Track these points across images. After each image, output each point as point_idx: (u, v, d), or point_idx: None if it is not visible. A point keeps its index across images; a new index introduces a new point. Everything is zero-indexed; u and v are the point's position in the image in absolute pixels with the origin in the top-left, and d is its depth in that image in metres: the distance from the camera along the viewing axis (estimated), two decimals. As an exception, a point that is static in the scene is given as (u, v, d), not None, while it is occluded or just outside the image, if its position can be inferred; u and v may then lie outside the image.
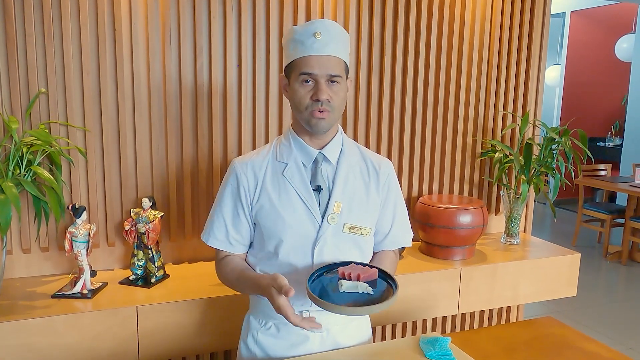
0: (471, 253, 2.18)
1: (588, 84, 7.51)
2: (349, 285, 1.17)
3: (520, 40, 2.42)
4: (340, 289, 1.16)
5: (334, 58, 1.23)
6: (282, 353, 1.32)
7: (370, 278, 1.20)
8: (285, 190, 1.29)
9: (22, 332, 1.51)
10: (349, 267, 1.21)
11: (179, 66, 1.91)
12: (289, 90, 1.28)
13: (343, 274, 1.20)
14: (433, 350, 1.31)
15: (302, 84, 1.23)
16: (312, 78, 1.22)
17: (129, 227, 1.81)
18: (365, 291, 1.16)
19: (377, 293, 1.17)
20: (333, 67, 1.22)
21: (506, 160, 2.35)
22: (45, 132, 1.69)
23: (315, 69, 1.21)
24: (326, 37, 1.22)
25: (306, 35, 1.22)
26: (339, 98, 1.25)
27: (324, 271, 1.24)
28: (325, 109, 1.23)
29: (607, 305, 4.04)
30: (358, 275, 1.19)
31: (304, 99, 1.23)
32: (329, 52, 1.22)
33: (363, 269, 1.21)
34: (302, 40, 1.22)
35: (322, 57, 1.21)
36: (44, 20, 1.72)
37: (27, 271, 1.84)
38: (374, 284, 1.20)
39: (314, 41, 1.21)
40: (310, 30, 1.22)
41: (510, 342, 1.55)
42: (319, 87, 1.22)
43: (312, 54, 1.21)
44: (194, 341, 1.70)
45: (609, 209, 5.24)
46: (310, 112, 1.23)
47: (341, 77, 1.24)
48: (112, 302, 1.65)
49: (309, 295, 1.13)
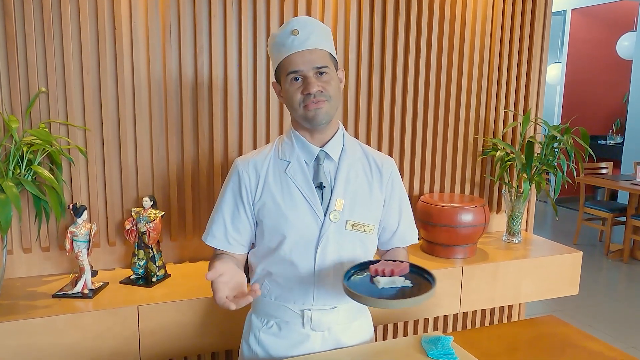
0: (473, 252, 2.17)
1: (589, 82, 7.50)
2: (386, 281, 1.17)
3: (522, 38, 2.42)
4: (379, 286, 1.16)
5: (317, 50, 1.24)
6: (284, 352, 1.32)
7: (403, 272, 1.21)
8: (288, 188, 1.29)
9: (23, 331, 1.51)
10: (381, 264, 1.21)
11: (180, 65, 1.90)
12: (283, 94, 1.29)
13: (376, 271, 1.20)
14: (435, 350, 1.30)
15: (292, 82, 1.24)
16: (299, 75, 1.23)
17: (130, 227, 1.81)
18: (404, 284, 1.17)
19: (415, 285, 1.18)
20: (317, 60, 1.23)
21: (507, 159, 2.35)
22: (45, 132, 1.69)
23: (299, 65, 1.22)
24: (304, 33, 1.23)
25: (284, 35, 1.24)
26: (332, 87, 1.25)
27: (355, 271, 1.24)
28: (320, 99, 1.23)
29: (609, 303, 4.04)
30: (392, 271, 1.19)
31: (296, 96, 1.24)
32: (310, 45, 1.23)
33: (395, 264, 1.21)
34: (282, 42, 1.24)
35: (304, 52, 1.23)
36: (43, 19, 1.71)
37: (28, 271, 1.84)
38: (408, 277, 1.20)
39: (293, 39, 1.22)
40: (287, 30, 1.24)
41: (512, 341, 1.54)
42: (307, 82, 1.23)
43: (294, 51, 1.23)
44: (195, 341, 1.70)
45: (610, 207, 5.23)
46: (304, 107, 1.24)
47: (328, 67, 1.25)
48: (113, 302, 1.65)
49: (349, 294, 1.12)
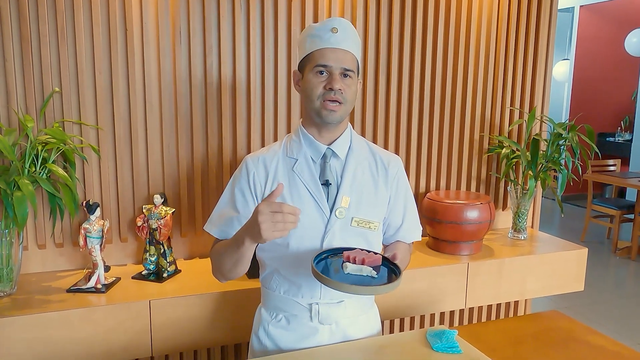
0: (478, 248, 2.19)
1: (597, 79, 7.46)
2: (354, 267, 1.20)
3: (527, 35, 2.43)
4: (345, 271, 1.19)
5: (349, 53, 1.29)
6: (292, 345, 1.35)
7: (374, 263, 1.23)
8: (295, 185, 1.32)
9: (38, 325, 1.55)
10: (354, 252, 1.24)
11: (189, 65, 1.94)
12: (302, 84, 1.32)
13: (348, 257, 1.23)
14: (440, 343, 1.33)
15: (317, 74, 1.28)
16: (326, 70, 1.27)
17: (141, 223, 1.85)
18: (370, 274, 1.20)
19: (380, 278, 1.20)
20: (347, 61, 1.28)
21: (513, 156, 2.36)
22: (59, 131, 1.73)
23: (330, 60, 1.26)
24: (343, 34, 1.28)
25: (324, 30, 1.27)
26: (351, 91, 1.30)
27: (329, 254, 1.27)
28: (338, 99, 1.26)
29: (616, 300, 4.03)
30: (363, 260, 1.22)
31: (317, 88, 1.27)
32: (345, 47, 1.28)
33: (368, 254, 1.24)
34: (320, 35, 1.28)
35: (337, 50, 1.27)
36: (57, 21, 1.75)
37: (43, 266, 1.88)
38: (378, 270, 1.22)
39: (331, 35, 1.27)
40: (328, 25, 1.28)
41: (516, 335, 1.56)
42: (332, 78, 1.26)
43: (329, 47, 1.26)
44: (205, 335, 1.74)
45: (618, 204, 5.21)
46: (321, 102, 1.27)
47: (353, 72, 1.30)
48: (126, 297, 1.68)
49: (313, 272, 1.15)
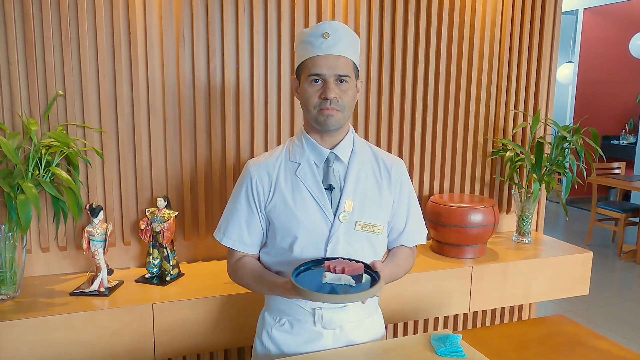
0: (482, 252, 2.18)
1: (602, 81, 7.44)
2: (332, 277, 1.20)
3: (531, 38, 2.42)
4: (323, 280, 1.19)
5: (342, 58, 1.26)
6: (296, 349, 1.34)
7: (355, 272, 1.22)
8: (299, 189, 1.32)
9: (42, 328, 1.55)
10: (335, 261, 1.24)
11: (193, 68, 1.94)
12: (300, 91, 1.31)
13: (329, 267, 1.23)
14: (444, 347, 1.32)
15: (311, 83, 1.27)
16: (320, 78, 1.26)
17: (145, 227, 1.85)
18: (348, 283, 1.19)
19: (359, 286, 1.19)
20: (341, 67, 1.26)
21: (517, 159, 2.35)
22: (63, 134, 1.73)
23: (323, 69, 1.25)
24: (334, 38, 1.25)
25: (315, 36, 1.26)
26: (348, 97, 1.28)
27: (312, 265, 1.27)
28: (334, 107, 1.26)
29: (621, 304, 4.01)
30: (343, 269, 1.22)
31: (312, 98, 1.27)
32: (337, 51, 1.25)
33: (349, 263, 1.23)
34: (311, 41, 1.26)
35: (329, 57, 1.25)
36: (61, 25, 1.76)
37: (46, 269, 1.88)
38: (360, 279, 1.22)
39: (322, 41, 1.25)
40: (318, 31, 1.26)
41: (521, 340, 1.55)
42: (327, 86, 1.25)
43: (320, 54, 1.25)
44: (209, 338, 1.73)
45: (623, 207, 5.19)
46: (318, 110, 1.27)
47: (349, 76, 1.28)
48: (129, 300, 1.68)
49: (290, 284, 1.16)
